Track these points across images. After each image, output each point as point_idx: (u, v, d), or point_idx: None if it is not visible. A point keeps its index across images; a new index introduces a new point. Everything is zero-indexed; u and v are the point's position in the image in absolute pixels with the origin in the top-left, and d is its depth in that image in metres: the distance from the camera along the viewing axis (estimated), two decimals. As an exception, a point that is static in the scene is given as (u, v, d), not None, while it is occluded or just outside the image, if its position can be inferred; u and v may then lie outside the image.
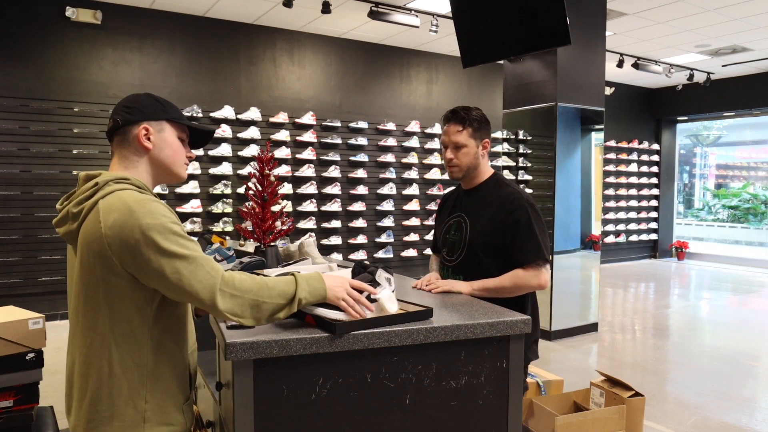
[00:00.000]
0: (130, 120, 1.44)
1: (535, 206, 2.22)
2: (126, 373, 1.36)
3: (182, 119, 1.53)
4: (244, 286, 1.36)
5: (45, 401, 2.92)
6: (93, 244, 1.33)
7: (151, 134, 1.46)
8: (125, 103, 1.47)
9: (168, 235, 1.31)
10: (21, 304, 4.02)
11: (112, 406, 1.35)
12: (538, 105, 5.72)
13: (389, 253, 7.96)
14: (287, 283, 1.42)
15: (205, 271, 1.32)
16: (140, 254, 1.29)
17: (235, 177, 6.93)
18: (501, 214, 2.20)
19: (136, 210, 1.30)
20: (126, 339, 1.35)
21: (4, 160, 5.74)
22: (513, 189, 2.25)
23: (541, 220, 2.23)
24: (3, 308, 2.97)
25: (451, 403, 1.60)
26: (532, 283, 2.15)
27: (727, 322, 6.44)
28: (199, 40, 6.78)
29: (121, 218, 1.30)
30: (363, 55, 7.90)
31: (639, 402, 2.91)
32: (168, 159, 1.49)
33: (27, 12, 5.85)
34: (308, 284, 1.44)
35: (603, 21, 5.86)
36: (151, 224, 1.29)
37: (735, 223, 13.03)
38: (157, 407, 1.39)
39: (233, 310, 1.34)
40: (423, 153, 8.30)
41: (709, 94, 10.27)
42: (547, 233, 2.25)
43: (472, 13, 5.07)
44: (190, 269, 1.31)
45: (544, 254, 2.17)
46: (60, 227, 1.42)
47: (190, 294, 1.32)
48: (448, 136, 2.26)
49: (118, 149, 1.46)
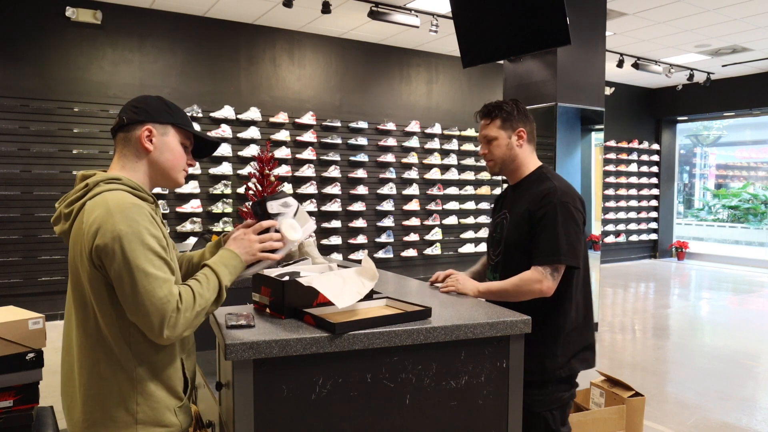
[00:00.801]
0: (135, 119, 1.45)
1: (568, 205, 1.99)
2: (116, 375, 1.35)
3: (188, 126, 1.52)
4: (188, 304, 1.33)
5: (45, 401, 2.92)
6: (77, 245, 1.35)
7: (153, 136, 1.45)
8: (134, 103, 1.48)
9: (137, 246, 1.29)
10: (21, 304, 4.03)
11: (103, 408, 1.35)
12: (538, 105, 5.72)
13: (389, 253, 7.96)
14: (212, 278, 1.40)
15: (162, 294, 1.29)
16: (107, 258, 1.29)
17: (235, 177, 6.92)
18: (532, 208, 2.02)
19: (114, 214, 1.30)
20: (114, 341, 1.35)
21: (4, 160, 5.74)
22: (552, 184, 2.03)
23: (573, 221, 1.99)
24: (3, 308, 2.97)
25: (451, 403, 1.60)
26: (533, 287, 1.93)
27: (727, 322, 6.44)
28: (199, 40, 6.78)
29: (99, 220, 1.30)
30: (363, 55, 7.90)
31: (639, 402, 2.91)
32: (167, 163, 1.48)
33: (27, 12, 5.85)
34: (226, 267, 1.44)
35: (603, 21, 5.85)
36: (124, 231, 1.28)
37: (735, 223, 13.02)
38: (149, 409, 1.38)
39: (172, 337, 1.32)
40: (423, 153, 8.30)
41: (709, 94, 10.27)
42: (578, 237, 1.99)
43: (472, 13, 5.07)
44: (149, 288, 1.28)
45: (560, 258, 1.94)
46: (56, 226, 1.45)
47: (139, 311, 1.29)
48: (480, 131, 2.17)
49: (120, 147, 1.47)
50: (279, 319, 1.61)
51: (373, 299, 1.79)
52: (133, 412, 1.36)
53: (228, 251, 1.47)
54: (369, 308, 1.73)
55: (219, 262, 1.44)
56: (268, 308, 1.68)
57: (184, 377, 1.49)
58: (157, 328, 1.29)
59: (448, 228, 8.54)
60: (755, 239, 12.15)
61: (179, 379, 1.46)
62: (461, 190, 8.63)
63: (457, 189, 8.58)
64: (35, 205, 5.87)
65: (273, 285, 1.66)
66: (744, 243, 12.24)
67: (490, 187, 8.85)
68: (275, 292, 1.64)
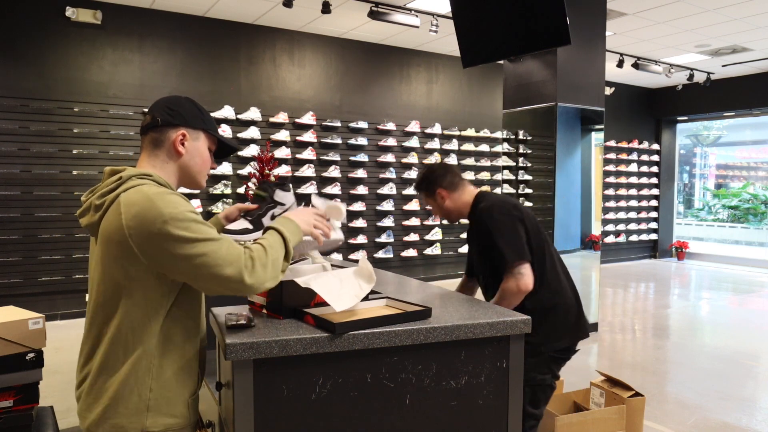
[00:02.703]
0: (170, 122, 1.47)
1: (495, 215, 2.22)
2: (134, 362, 1.37)
3: (216, 132, 1.58)
4: (260, 254, 1.39)
5: (45, 401, 2.92)
6: (114, 235, 1.35)
7: (186, 140, 1.49)
8: (168, 105, 1.50)
9: (188, 223, 1.33)
10: (21, 304, 4.03)
11: (117, 393, 1.37)
12: (538, 105, 5.72)
13: (389, 253, 7.96)
14: (276, 235, 1.47)
15: (228, 251, 1.35)
16: (163, 243, 1.31)
17: (235, 177, 6.93)
18: (480, 231, 2.31)
19: (156, 201, 1.33)
20: (139, 328, 1.37)
21: (4, 160, 5.74)
22: (482, 205, 2.31)
23: (506, 222, 2.21)
24: (3, 308, 2.97)
25: (451, 403, 1.60)
26: (513, 289, 2.15)
27: (727, 322, 6.44)
28: (199, 40, 6.78)
29: (142, 210, 1.32)
30: (363, 55, 7.90)
31: (639, 402, 2.91)
32: (196, 167, 1.53)
33: (27, 12, 5.85)
34: (287, 229, 1.50)
35: (603, 21, 5.86)
36: (172, 213, 1.32)
37: (735, 223, 13.03)
38: (162, 397, 1.40)
39: (258, 282, 1.37)
40: (423, 153, 8.30)
41: (709, 94, 10.27)
42: (516, 232, 2.20)
43: (472, 13, 5.07)
44: (213, 249, 1.33)
45: (513, 262, 2.15)
46: (82, 218, 1.46)
47: (217, 275, 1.33)
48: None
49: (151, 147, 1.49)
50: (278, 319, 1.61)
51: (373, 299, 1.79)
52: (145, 398, 1.38)
53: (286, 218, 1.54)
54: (369, 308, 1.73)
55: (281, 224, 1.51)
56: (265, 309, 1.67)
57: (199, 370, 1.51)
58: (238, 278, 1.34)
59: (448, 228, 8.54)
60: (755, 239, 12.15)
61: (195, 372, 1.49)
62: (461, 190, 8.62)
63: (457, 189, 8.57)
64: (35, 205, 5.87)
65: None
66: (744, 243, 12.25)
67: (490, 187, 8.85)
68: (273, 292, 1.64)
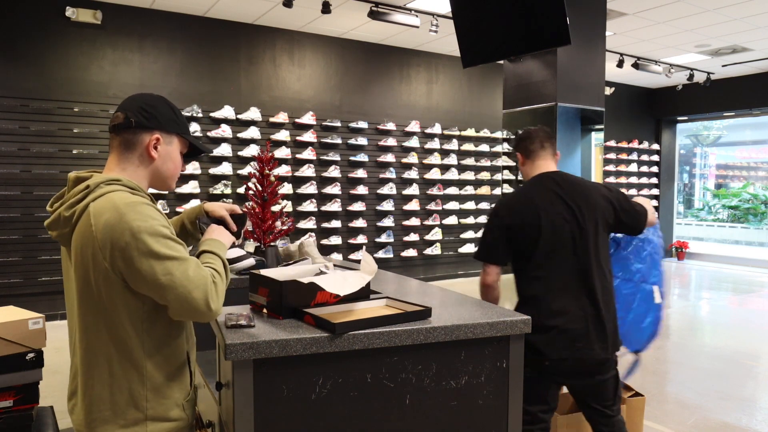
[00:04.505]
0: (145, 125, 1.43)
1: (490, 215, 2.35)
2: (126, 374, 1.36)
3: (189, 135, 1.55)
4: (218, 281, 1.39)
5: (45, 401, 2.92)
6: (86, 247, 1.33)
7: (160, 144, 1.46)
8: (144, 106, 1.44)
9: (158, 238, 1.31)
10: (21, 304, 4.02)
11: (114, 406, 1.36)
12: (538, 105, 5.72)
13: (389, 253, 7.95)
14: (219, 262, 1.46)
15: (196, 272, 1.33)
16: (130, 256, 1.29)
17: (235, 177, 6.92)
18: None
19: (126, 212, 1.30)
20: (123, 340, 1.36)
21: (4, 160, 5.74)
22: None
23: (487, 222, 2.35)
24: (3, 308, 2.97)
25: (451, 403, 1.60)
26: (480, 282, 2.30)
27: (727, 322, 6.44)
28: (199, 40, 6.78)
29: (111, 221, 1.29)
30: (363, 55, 7.89)
31: (639, 402, 2.91)
32: (168, 172, 1.50)
33: (27, 12, 5.85)
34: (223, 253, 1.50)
35: (603, 21, 5.85)
36: (141, 226, 1.29)
37: (735, 223, 13.02)
38: (158, 405, 1.40)
39: (217, 310, 1.36)
40: (423, 153, 8.30)
41: (709, 94, 10.27)
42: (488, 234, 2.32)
43: (472, 13, 5.07)
44: (181, 270, 1.31)
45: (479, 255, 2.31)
46: (52, 230, 1.42)
47: (182, 296, 1.30)
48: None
49: (122, 148, 1.44)
50: (277, 319, 1.61)
51: (373, 299, 1.79)
52: (143, 408, 1.37)
53: (216, 241, 1.54)
54: (369, 308, 1.73)
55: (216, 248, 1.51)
56: (265, 309, 1.67)
57: (189, 370, 1.51)
58: (204, 304, 1.32)
59: (448, 228, 8.54)
60: (755, 239, 12.15)
61: (186, 373, 1.49)
62: (461, 190, 8.63)
63: (457, 189, 8.58)
64: (35, 205, 5.87)
65: (271, 285, 1.66)
66: (744, 243, 12.24)
67: (490, 187, 8.85)
68: (273, 292, 1.64)
